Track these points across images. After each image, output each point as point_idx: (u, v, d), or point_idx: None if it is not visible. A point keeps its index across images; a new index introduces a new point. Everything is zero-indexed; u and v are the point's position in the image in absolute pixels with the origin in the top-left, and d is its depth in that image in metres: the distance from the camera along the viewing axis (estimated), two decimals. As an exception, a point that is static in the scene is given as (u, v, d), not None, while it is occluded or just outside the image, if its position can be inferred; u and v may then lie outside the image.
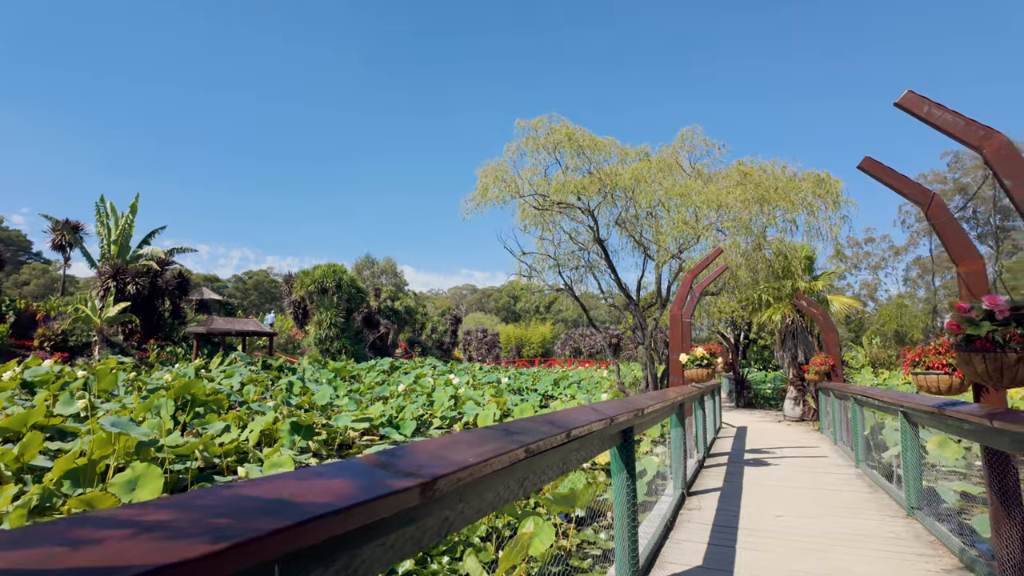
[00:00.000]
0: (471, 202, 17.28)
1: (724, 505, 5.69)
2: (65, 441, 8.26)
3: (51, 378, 12.14)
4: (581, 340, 53.96)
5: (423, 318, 51.47)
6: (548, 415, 2.57)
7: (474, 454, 1.59)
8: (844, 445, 9.62)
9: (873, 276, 62.99)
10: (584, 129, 16.60)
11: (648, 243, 17.59)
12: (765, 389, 21.16)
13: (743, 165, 17.17)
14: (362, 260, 66.78)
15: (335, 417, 11.98)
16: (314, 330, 35.05)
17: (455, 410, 15.27)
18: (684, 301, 7.69)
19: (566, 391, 22.91)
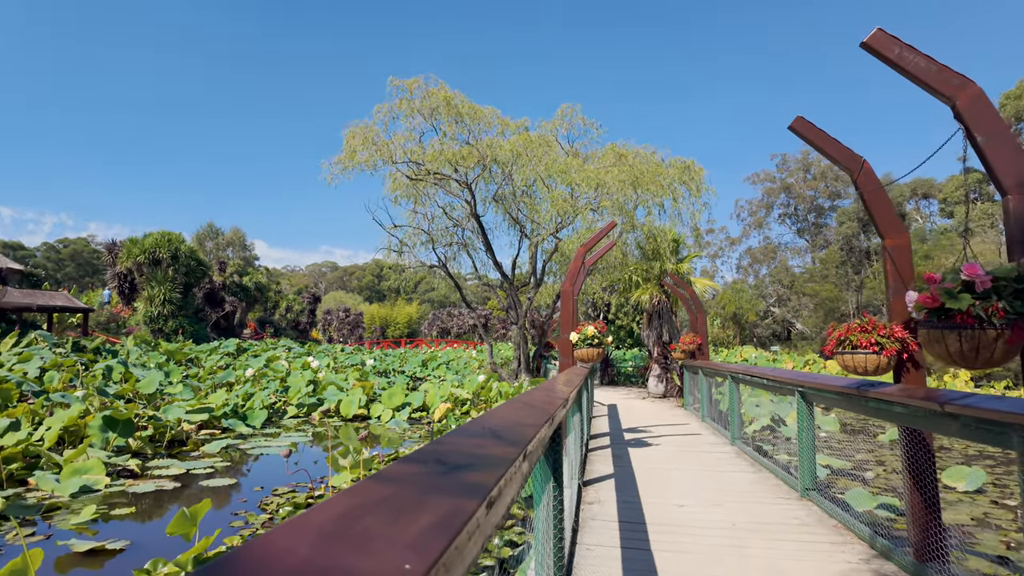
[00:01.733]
0: (336, 165, 15.65)
1: (623, 495, 5.25)
2: None
3: None
4: (449, 320, 53.34)
5: (276, 296, 47.48)
6: (484, 422, 1.74)
7: (409, 542, 0.73)
8: (712, 422, 9.87)
9: (712, 264, 69.37)
10: (463, 95, 15.70)
11: (524, 221, 17.20)
12: (627, 367, 21.98)
13: (617, 147, 17.35)
14: (204, 230, 60.04)
15: (165, 408, 10.09)
16: (144, 307, 30.54)
17: (314, 396, 13.81)
18: (575, 276, 7.21)
19: (434, 372, 22.11)
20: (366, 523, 0.79)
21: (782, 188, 63.09)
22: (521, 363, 17.49)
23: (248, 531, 5.14)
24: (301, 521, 0.75)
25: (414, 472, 1.08)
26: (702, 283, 16.08)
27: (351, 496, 0.88)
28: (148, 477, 7.35)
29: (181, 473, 7.57)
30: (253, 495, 6.62)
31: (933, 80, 2.81)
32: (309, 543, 0.69)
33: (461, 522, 0.83)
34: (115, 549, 4.80)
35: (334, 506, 0.82)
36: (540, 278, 18.13)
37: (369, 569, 0.64)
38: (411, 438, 10.31)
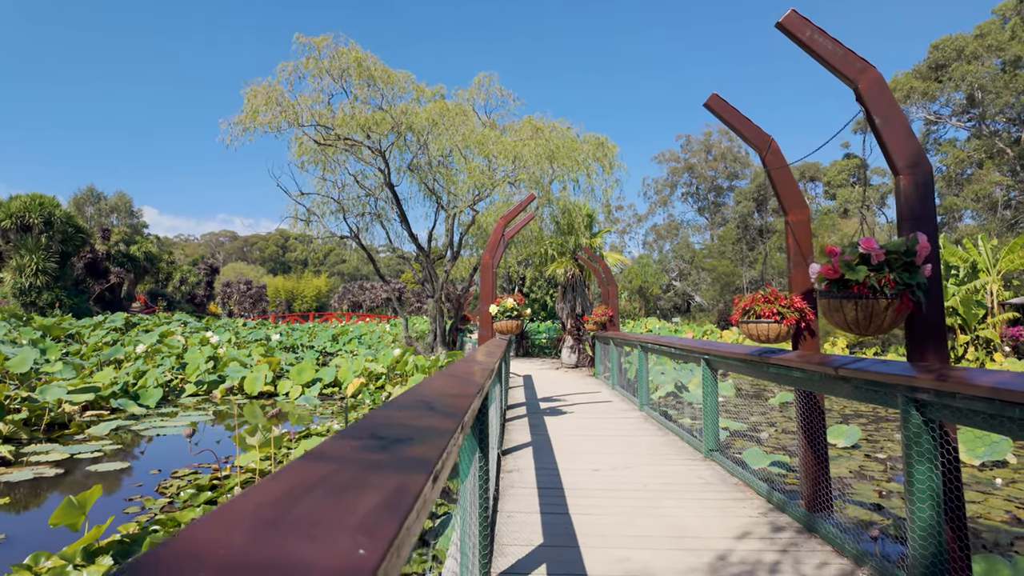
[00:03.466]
0: (236, 126, 14.57)
1: (540, 462, 5.37)
2: None
3: None
4: (361, 293, 51.97)
5: (169, 267, 44.06)
6: (416, 394, 1.67)
7: (357, 525, 0.66)
8: (621, 389, 10.30)
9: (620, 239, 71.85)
10: (375, 56, 15.04)
11: (441, 192, 16.91)
12: (541, 339, 22.44)
13: (534, 120, 17.36)
14: (83, 194, 54.28)
15: (42, 389, 9.13)
16: (12, 277, 27.32)
17: (215, 373, 13.02)
18: (495, 249, 7.18)
19: (346, 347, 21.54)
20: (306, 506, 0.71)
21: (686, 168, 66.04)
22: (437, 336, 17.38)
23: (145, 517, 4.77)
24: (233, 507, 0.66)
25: (351, 448, 1.00)
26: (613, 258, 16.61)
27: (286, 477, 0.79)
28: (23, 464, 6.65)
29: (63, 459, 6.91)
30: (149, 479, 6.16)
31: (839, 63, 2.97)
32: (244, 532, 0.61)
33: (410, 500, 0.77)
34: (-14, 545, 4.31)
35: (268, 489, 0.74)
36: (457, 251, 17.98)
37: (317, 557, 0.58)
38: (323, 414, 9.99)
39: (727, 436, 7.85)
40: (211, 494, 5.02)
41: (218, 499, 4.84)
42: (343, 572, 0.55)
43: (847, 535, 3.28)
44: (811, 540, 3.48)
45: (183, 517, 3.99)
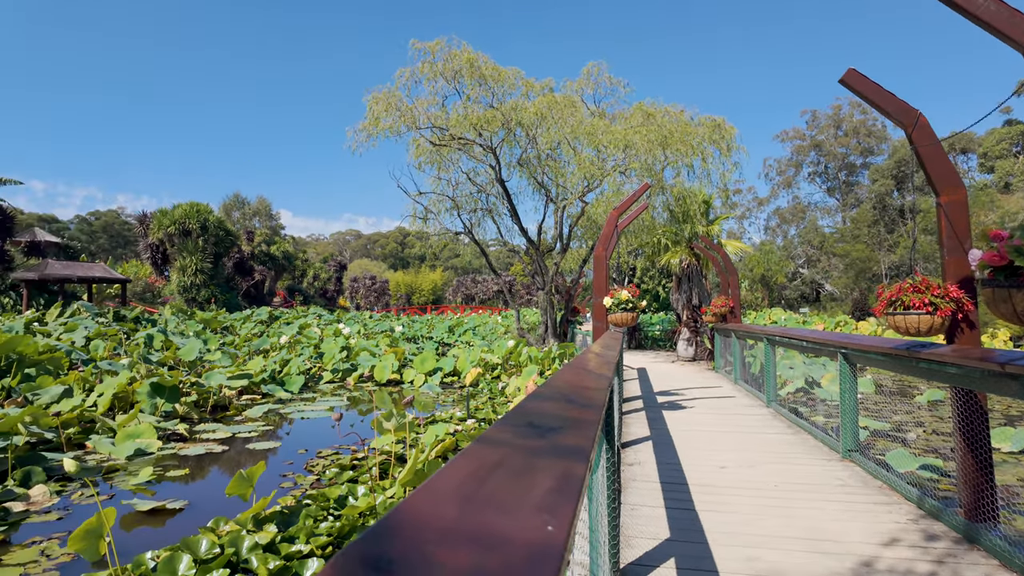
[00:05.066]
0: (360, 132, 15.59)
1: (661, 457, 5.30)
2: None
3: None
4: (474, 286, 53.62)
5: (303, 264, 48.14)
6: (552, 387, 1.75)
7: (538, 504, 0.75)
8: (745, 384, 9.84)
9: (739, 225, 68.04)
10: (486, 56, 15.40)
11: (550, 185, 17.01)
12: (654, 331, 21.92)
13: (645, 107, 16.93)
14: (231, 200, 60.73)
15: (206, 375, 10.41)
16: (177, 277, 31.31)
17: (348, 362, 14.10)
18: (608, 240, 7.14)
19: (461, 338, 22.36)
20: (492, 485, 0.81)
21: (812, 145, 61.11)
22: (548, 328, 17.56)
23: (298, 492, 5.33)
24: (435, 484, 0.77)
25: (512, 435, 1.10)
26: (733, 245, 15.82)
27: (468, 459, 0.90)
28: (196, 440, 7.64)
29: (227, 436, 7.86)
30: (298, 457, 6.85)
31: (1004, 26, 2.66)
32: (451, 506, 0.71)
33: (577, 485, 0.85)
34: (175, 508, 5.04)
35: (458, 469, 0.84)
36: (566, 243, 18.02)
37: (514, 531, 0.66)
38: (444, 402, 10.50)
39: (867, 436, 7.26)
40: (352, 473, 5.49)
41: (359, 478, 5.29)
42: (539, 545, 0.63)
43: (1016, 548, 2.95)
44: (972, 552, 3.17)
45: (331, 493, 4.42)
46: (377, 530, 0.61)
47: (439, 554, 0.58)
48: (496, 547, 0.61)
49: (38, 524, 4.73)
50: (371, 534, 0.59)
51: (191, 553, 3.29)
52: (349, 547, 0.56)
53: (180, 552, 3.27)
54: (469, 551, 0.60)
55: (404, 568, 0.55)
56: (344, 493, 4.41)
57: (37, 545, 4.27)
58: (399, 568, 0.54)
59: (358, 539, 0.58)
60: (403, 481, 4.14)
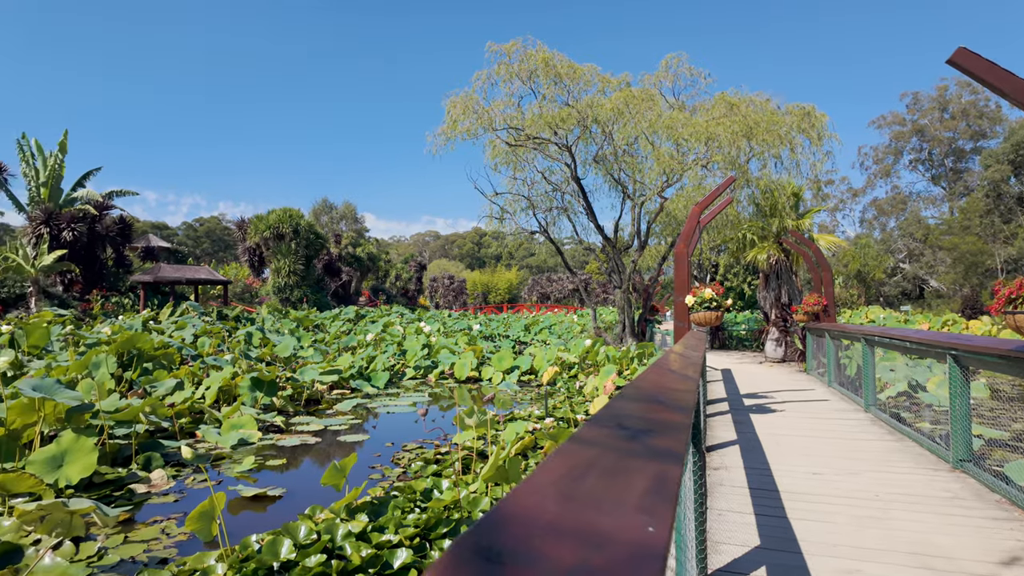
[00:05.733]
0: (439, 136, 15.99)
1: (749, 462, 5.10)
2: (-19, 408, 7.15)
3: (-30, 335, 10.77)
4: (549, 285, 53.67)
5: (386, 265, 49.98)
6: (639, 388, 1.75)
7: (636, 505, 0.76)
8: (839, 387, 9.29)
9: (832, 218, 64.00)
10: (562, 54, 15.37)
11: (627, 181, 16.74)
12: (739, 330, 21.06)
13: (728, 97, 16.30)
14: (320, 205, 64.07)
15: (300, 370, 11.05)
16: (272, 278, 33.43)
17: (429, 359, 14.52)
18: (690, 237, 6.94)
19: (537, 337, 22.44)
20: (589, 484, 0.82)
21: (913, 131, 56.55)
22: (626, 327, 17.29)
23: (385, 483, 5.57)
24: (534, 482, 0.80)
25: (603, 435, 1.11)
26: (825, 240, 14.91)
27: (562, 459, 0.92)
28: (292, 432, 8.14)
29: (320, 429, 8.32)
30: (385, 450, 7.14)
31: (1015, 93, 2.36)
32: (552, 502, 0.74)
33: (673, 487, 0.85)
34: (275, 495, 5.40)
35: (554, 467, 0.87)
36: (644, 240, 17.68)
37: (615, 530, 0.68)
38: (522, 400, 10.59)
39: (981, 445, 6.65)
40: (436, 467, 5.66)
41: (442, 472, 5.45)
42: (640, 545, 0.65)
43: None
44: (1113, 579, 2.84)
45: (417, 486, 4.58)
46: (485, 522, 0.64)
47: (545, 548, 0.61)
48: (599, 545, 0.63)
49: (157, 505, 5.20)
50: (480, 526, 0.63)
51: (291, 538, 3.52)
52: (461, 537, 0.60)
53: (282, 536, 3.50)
54: (573, 546, 0.62)
55: (513, 559, 0.58)
56: (429, 486, 4.56)
57: (158, 524, 4.70)
58: (509, 559, 0.58)
59: (469, 530, 0.62)
60: (485, 477, 4.23)
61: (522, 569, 0.56)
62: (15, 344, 10.88)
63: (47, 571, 3.75)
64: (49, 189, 27.98)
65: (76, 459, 5.11)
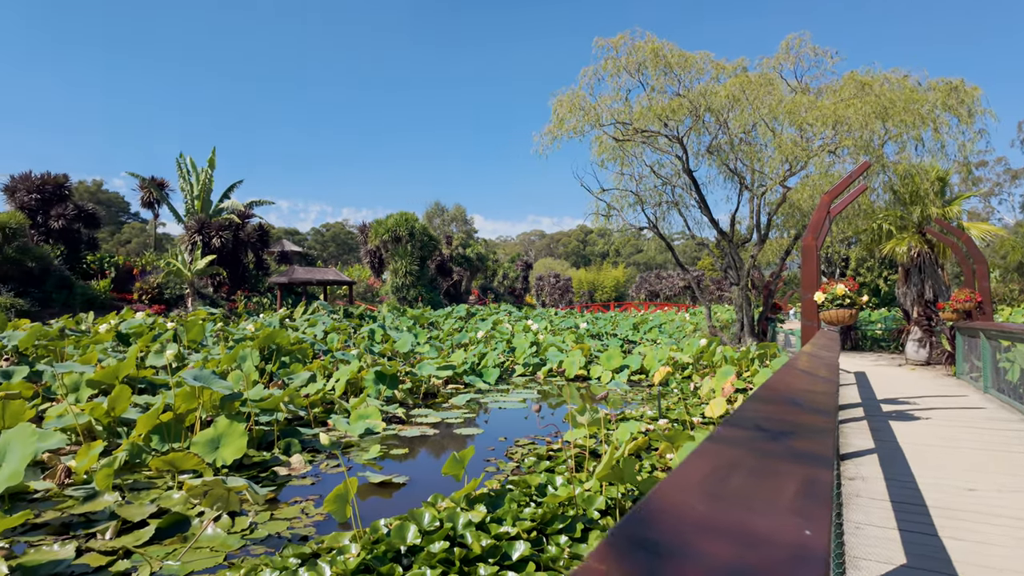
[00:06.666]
0: (546, 136, 16.10)
1: (890, 473, 4.66)
2: (154, 395, 8.21)
3: (144, 330, 12.42)
4: (658, 282, 52.22)
5: (494, 265, 51.14)
6: (773, 390, 1.67)
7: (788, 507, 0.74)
8: (998, 394, 8.22)
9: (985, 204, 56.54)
10: (672, 44, 14.88)
11: (744, 172, 15.88)
12: (874, 330, 19.25)
13: (858, 76, 14.98)
14: (432, 208, 66.87)
15: (418, 365, 11.62)
16: (391, 278, 35.42)
17: (537, 356, 14.68)
18: (818, 228, 6.45)
19: (647, 336, 21.91)
20: (735, 484, 0.81)
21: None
22: (744, 326, 16.42)
23: (500, 477, 5.72)
24: (678, 479, 0.80)
25: (743, 437, 1.08)
26: (978, 228, 13.20)
27: (704, 459, 0.91)
28: (412, 423, 8.58)
29: (437, 421, 8.70)
30: (498, 444, 7.33)
31: None
32: (700, 499, 0.73)
33: (826, 491, 0.81)
34: (399, 483, 5.72)
35: (696, 467, 0.86)
36: (764, 233, 16.67)
37: (771, 531, 0.66)
38: (633, 400, 10.41)
39: None
40: (549, 463, 5.73)
41: (555, 468, 5.50)
42: (799, 547, 0.63)
43: None
44: None
45: (532, 480, 4.66)
46: (636, 516, 0.65)
47: (699, 543, 0.61)
48: (754, 544, 0.62)
49: (297, 487, 5.70)
50: (632, 519, 0.64)
51: (416, 524, 3.72)
52: (616, 529, 0.62)
53: (408, 522, 3.71)
54: (727, 544, 0.62)
55: (669, 552, 0.59)
56: (543, 482, 4.62)
57: (298, 504, 5.15)
58: (665, 551, 0.59)
59: (621, 523, 0.63)
60: (599, 475, 4.21)
61: (679, 561, 0.57)
62: (178, 339, 12.40)
63: (209, 540, 4.24)
64: (201, 201, 31.55)
65: (230, 442, 5.73)
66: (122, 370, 7.84)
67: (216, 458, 5.60)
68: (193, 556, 3.96)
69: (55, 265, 22.97)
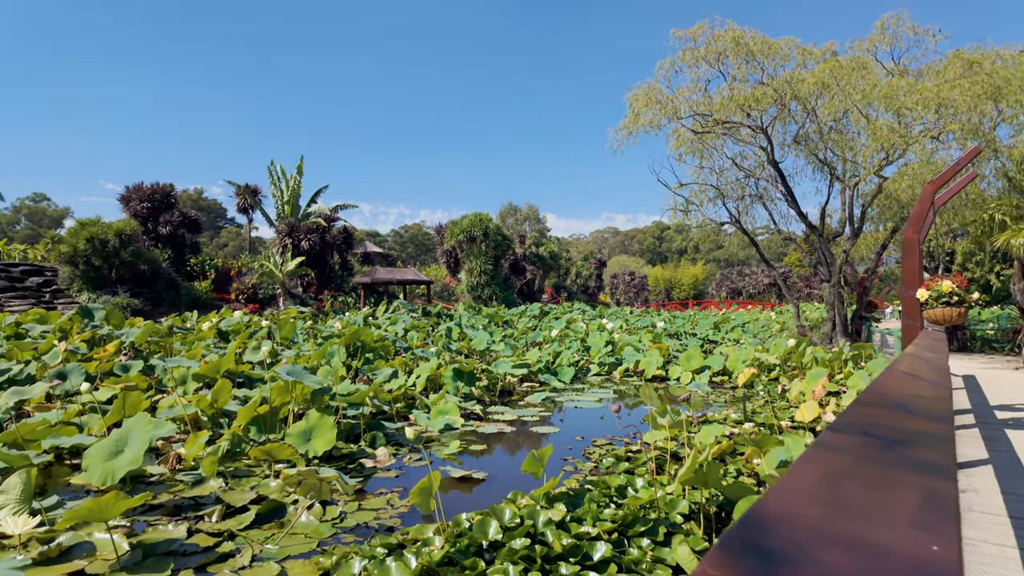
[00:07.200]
0: (621, 131, 15.84)
1: (1007, 486, 4.27)
2: (252, 388, 8.78)
3: (241, 327, 13.31)
4: (740, 280, 50.19)
5: (567, 263, 50.93)
6: (878, 394, 1.58)
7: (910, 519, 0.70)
8: None
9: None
10: (754, 31, 14.25)
11: (835, 161, 14.97)
12: (985, 330, 17.62)
13: (964, 54, 13.76)
14: (505, 208, 67.48)
15: (494, 363, 11.77)
16: (466, 278, 36.10)
17: (612, 356, 14.49)
18: (921, 221, 5.97)
19: (728, 335, 21.10)
20: (848, 493, 0.78)
21: None
22: (836, 326, 15.48)
23: (579, 476, 5.70)
24: (788, 486, 0.78)
25: (852, 443, 1.03)
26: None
27: (812, 466, 0.88)
28: (490, 420, 8.71)
29: (514, 419, 8.78)
30: (576, 444, 7.31)
31: None
32: (813, 507, 0.71)
33: (953, 505, 0.76)
34: (479, 478, 5.83)
35: (803, 474, 0.83)
36: (858, 227, 15.66)
37: (893, 541, 0.63)
38: (715, 402, 10.08)
39: None
40: (628, 464, 5.65)
41: (635, 470, 5.42)
42: (927, 563, 0.60)
43: None
44: None
45: (611, 481, 4.62)
46: (747, 521, 0.64)
47: (816, 552, 0.59)
48: (876, 556, 0.60)
49: (382, 479, 5.93)
50: (744, 525, 0.63)
51: (497, 519, 3.78)
52: (727, 534, 0.61)
53: (489, 518, 3.77)
54: (846, 554, 0.60)
55: (784, 559, 0.57)
56: (623, 483, 4.56)
57: (383, 496, 5.36)
58: (780, 559, 0.57)
59: (733, 528, 0.62)
60: (681, 479, 4.11)
61: (796, 570, 0.56)
62: (271, 336, 13.20)
63: (303, 527, 4.49)
64: (291, 206, 33.42)
65: (321, 434, 6.04)
66: (223, 365, 8.44)
67: (308, 449, 5.92)
68: (289, 541, 4.20)
69: (164, 268, 25.07)
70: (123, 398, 6.47)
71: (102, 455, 4.64)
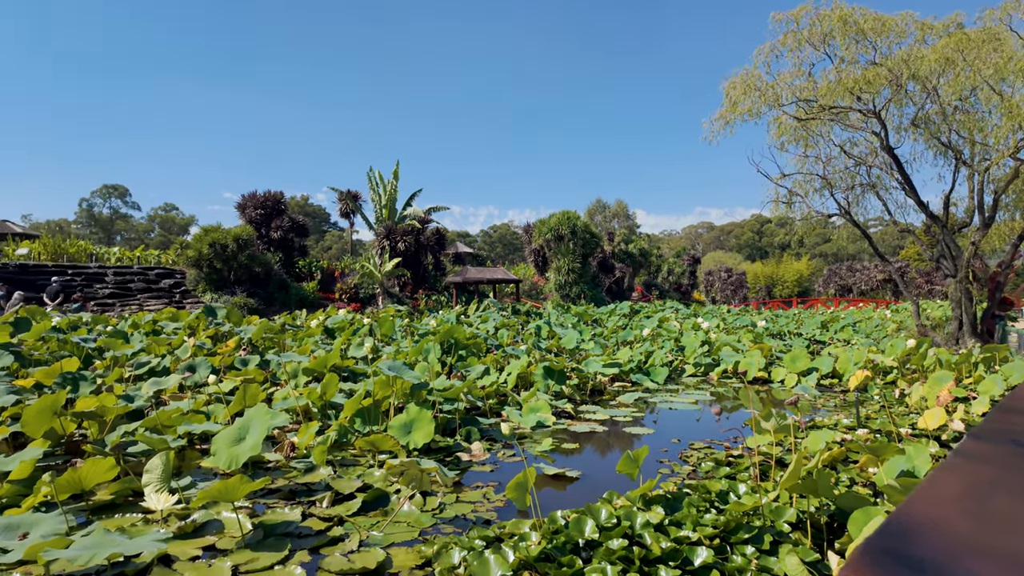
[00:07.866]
0: (717, 121, 15.22)
1: None
2: (356, 382, 9.29)
3: (345, 325, 14.12)
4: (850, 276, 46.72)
5: (658, 260, 49.61)
6: None
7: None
8: None
9: None
10: (864, 8, 13.20)
11: (962, 145, 13.57)
12: None
13: (1125, 13, 12.00)
14: (594, 205, 66.80)
15: (584, 362, 11.71)
16: (554, 276, 36.13)
17: (709, 356, 13.97)
18: (1072, 208, 5.28)
19: (838, 335, 19.71)
20: (1001, 506, 0.72)
21: None
22: (964, 325, 14.03)
23: (676, 479, 5.56)
24: (928, 494, 0.74)
25: (998, 453, 0.95)
26: None
27: (954, 475, 0.82)
28: (581, 419, 8.69)
29: (605, 419, 8.70)
30: (672, 446, 7.13)
31: None
32: (960, 518, 0.67)
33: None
34: (572, 476, 5.84)
35: (945, 484, 0.78)
36: (989, 216, 14.10)
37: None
38: (824, 406, 9.46)
39: None
40: (728, 469, 5.44)
41: (736, 475, 5.22)
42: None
43: None
44: None
45: (712, 486, 4.47)
46: (889, 529, 0.62)
47: (974, 566, 0.56)
48: (1040, 575, 0.56)
49: (477, 473, 6.08)
50: (887, 533, 0.61)
51: (594, 519, 3.77)
52: (868, 541, 0.59)
53: (585, 516, 3.78)
54: (1006, 569, 0.56)
55: (936, 571, 0.55)
56: (725, 488, 4.41)
57: (479, 489, 5.50)
58: (931, 569, 0.55)
59: (874, 535, 0.60)
60: (784, 485, 3.91)
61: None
62: (372, 333, 13.89)
63: (405, 516, 4.70)
64: (388, 210, 34.98)
65: (420, 427, 6.30)
66: (330, 360, 8.99)
67: (408, 441, 6.19)
68: (393, 529, 4.42)
69: (275, 269, 27.07)
70: (243, 390, 7.07)
71: (227, 441, 5.10)
